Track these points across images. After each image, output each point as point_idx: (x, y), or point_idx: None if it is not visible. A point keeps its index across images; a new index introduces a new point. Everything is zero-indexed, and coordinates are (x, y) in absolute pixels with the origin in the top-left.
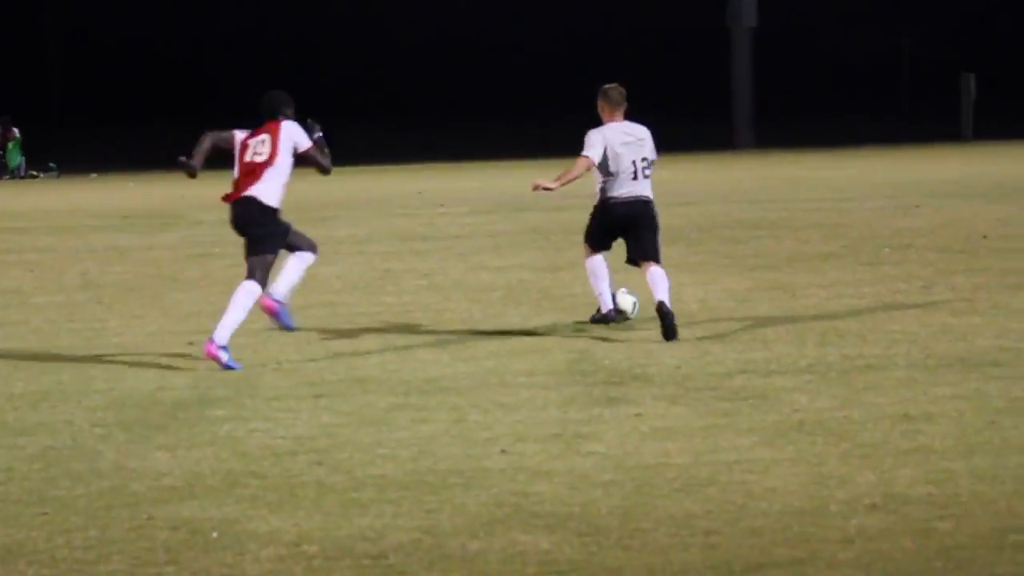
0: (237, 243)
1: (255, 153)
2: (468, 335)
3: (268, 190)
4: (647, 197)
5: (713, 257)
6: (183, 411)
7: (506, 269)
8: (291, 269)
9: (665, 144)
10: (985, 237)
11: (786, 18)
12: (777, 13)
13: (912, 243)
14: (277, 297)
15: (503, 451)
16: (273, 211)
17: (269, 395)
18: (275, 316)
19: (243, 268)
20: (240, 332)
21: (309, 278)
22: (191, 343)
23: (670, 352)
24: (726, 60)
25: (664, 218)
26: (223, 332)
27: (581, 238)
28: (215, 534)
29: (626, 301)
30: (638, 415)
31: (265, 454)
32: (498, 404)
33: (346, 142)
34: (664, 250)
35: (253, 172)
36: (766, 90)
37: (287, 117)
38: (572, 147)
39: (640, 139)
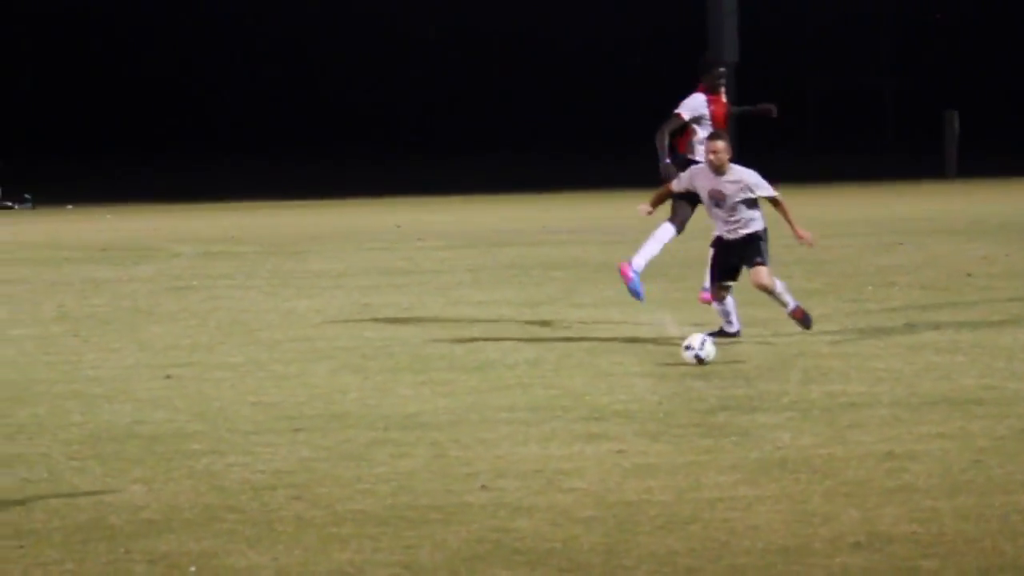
0: (214, 276)
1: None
2: (448, 370)
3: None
4: None
5: (695, 293)
6: (160, 444)
7: (486, 304)
8: (654, 240)
9: (645, 179)
10: (969, 275)
11: (769, 54)
12: (760, 49)
13: (895, 280)
14: (635, 268)
15: (483, 487)
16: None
17: (247, 429)
18: (627, 282)
19: None
20: (219, 366)
21: (287, 311)
22: (168, 376)
23: (652, 388)
24: None
25: None
26: (640, 259)
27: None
28: (193, 568)
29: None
30: (620, 451)
31: (243, 488)
32: (478, 440)
33: (320, 175)
34: (647, 285)
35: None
36: (748, 126)
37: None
38: (545, 182)
39: None
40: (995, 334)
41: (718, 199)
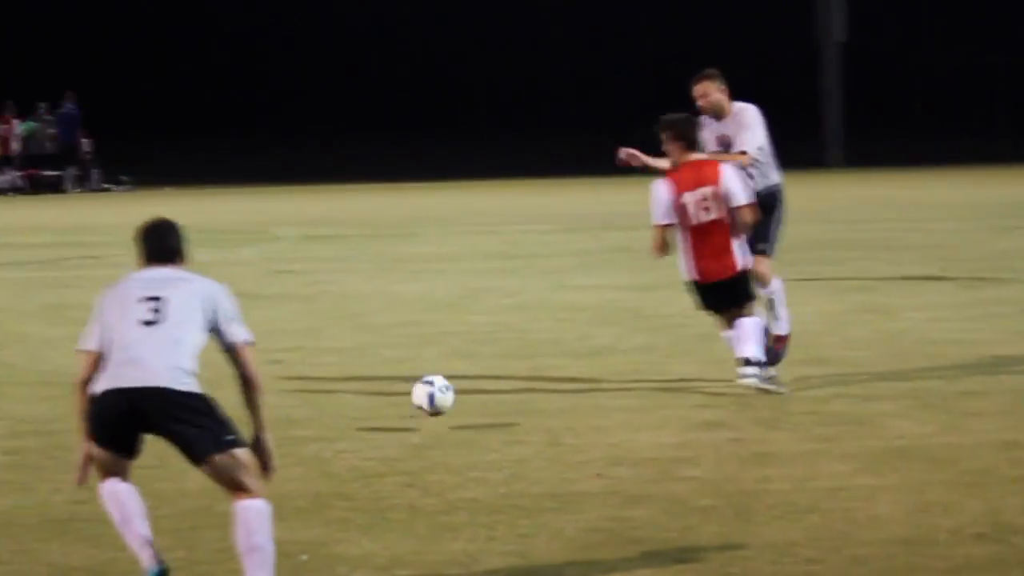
0: (317, 259)
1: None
2: (558, 356)
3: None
4: None
5: (807, 278)
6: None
7: (593, 288)
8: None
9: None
10: None
11: (879, 33)
12: (869, 28)
13: (1012, 266)
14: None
15: (598, 475)
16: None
17: (355, 415)
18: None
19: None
20: (325, 351)
21: (393, 297)
22: (276, 361)
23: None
24: (815, 75)
25: None
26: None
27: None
28: (304, 557)
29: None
30: (736, 439)
31: (354, 476)
32: (592, 427)
33: (420, 157)
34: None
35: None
36: (857, 107)
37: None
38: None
39: None
40: None
41: (727, 144)
